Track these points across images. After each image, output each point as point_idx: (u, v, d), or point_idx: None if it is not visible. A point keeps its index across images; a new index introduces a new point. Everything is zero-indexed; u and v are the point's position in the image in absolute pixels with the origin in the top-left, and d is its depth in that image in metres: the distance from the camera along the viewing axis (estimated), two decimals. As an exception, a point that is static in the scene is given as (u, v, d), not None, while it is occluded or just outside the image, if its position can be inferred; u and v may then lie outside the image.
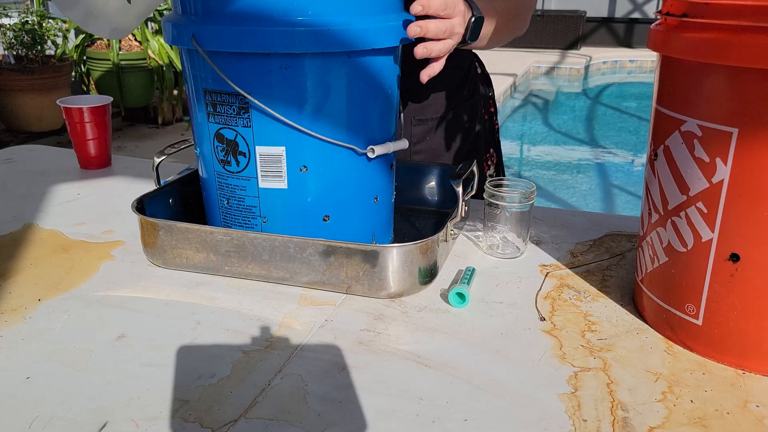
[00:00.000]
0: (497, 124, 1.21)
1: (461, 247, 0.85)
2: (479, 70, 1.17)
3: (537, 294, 0.73)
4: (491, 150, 1.19)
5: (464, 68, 1.11)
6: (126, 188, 1.07)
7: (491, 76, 1.22)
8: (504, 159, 1.26)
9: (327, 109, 0.69)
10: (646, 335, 0.66)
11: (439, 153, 1.09)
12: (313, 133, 0.69)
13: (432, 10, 0.73)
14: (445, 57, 0.80)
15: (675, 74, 0.59)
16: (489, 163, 1.17)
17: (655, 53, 0.61)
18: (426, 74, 0.79)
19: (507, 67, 6.01)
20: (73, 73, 4.12)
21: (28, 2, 4.37)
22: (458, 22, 0.77)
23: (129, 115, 4.48)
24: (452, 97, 1.09)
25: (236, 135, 0.71)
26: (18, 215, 0.95)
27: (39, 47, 3.82)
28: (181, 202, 0.88)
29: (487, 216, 0.82)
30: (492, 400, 0.56)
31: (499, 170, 1.22)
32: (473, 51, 1.16)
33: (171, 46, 0.83)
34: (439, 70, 0.80)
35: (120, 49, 4.09)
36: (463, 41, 0.82)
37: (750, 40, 0.50)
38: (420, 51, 0.75)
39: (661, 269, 0.64)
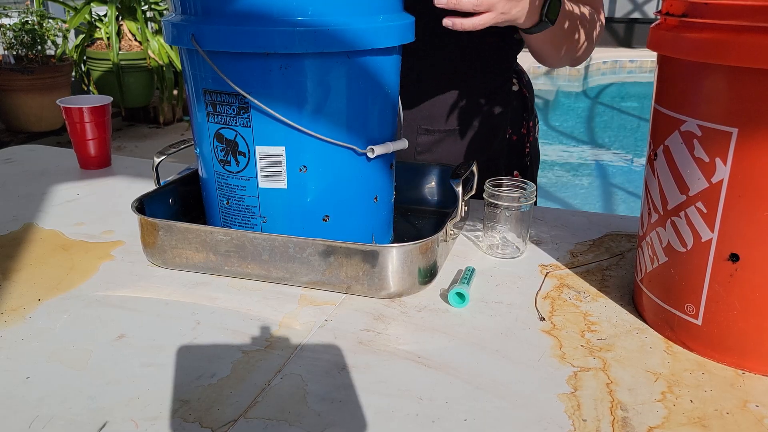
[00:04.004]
0: (528, 146, 1.13)
1: (461, 247, 0.85)
2: (516, 88, 1.10)
3: (537, 294, 0.73)
4: (515, 172, 1.12)
5: (495, 84, 1.05)
6: (126, 188, 1.07)
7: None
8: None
9: (327, 109, 0.69)
10: (645, 335, 0.66)
11: None
12: (312, 133, 0.69)
13: None
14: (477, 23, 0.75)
15: (675, 74, 0.59)
16: None
17: (655, 53, 0.61)
18: (450, 22, 0.74)
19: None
20: (73, 73, 4.13)
21: (28, 2, 4.37)
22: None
23: (129, 115, 4.48)
24: (468, 111, 1.04)
25: (236, 135, 0.71)
26: (18, 215, 0.95)
27: (39, 47, 3.82)
28: (181, 202, 0.88)
29: (487, 216, 0.82)
30: (492, 400, 0.56)
31: None
32: (517, 67, 1.11)
33: (171, 46, 0.84)
34: (463, 28, 0.75)
35: (120, 49, 4.09)
36: (540, 21, 0.80)
37: (750, 40, 0.50)
38: (446, 23, 0.72)
39: (660, 269, 0.64)
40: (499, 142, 1.09)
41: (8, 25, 3.74)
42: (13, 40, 3.73)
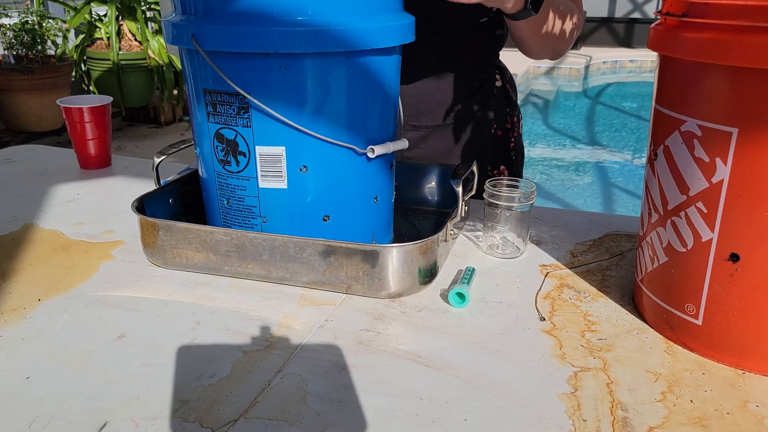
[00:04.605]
0: (513, 141, 1.16)
1: (461, 247, 0.85)
2: (499, 83, 1.12)
3: (537, 294, 0.73)
4: (502, 167, 1.15)
5: (480, 80, 1.08)
6: (126, 188, 1.07)
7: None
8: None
9: (327, 109, 0.69)
10: (646, 335, 0.66)
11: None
12: (313, 133, 0.69)
13: None
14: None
15: (675, 74, 0.59)
16: None
17: (655, 53, 0.61)
18: None
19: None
20: (73, 73, 4.13)
21: (28, 2, 4.37)
22: None
23: (129, 115, 4.48)
24: (456, 108, 1.06)
25: (236, 135, 0.71)
26: (18, 215, 0.95)
27: (39, 47, 3.82)
28: (181, 202, 0.88)
29: (487, 216, 0.82)
30: (492, 400, 0.56)
31: None
32: (499, 64, 1.13)
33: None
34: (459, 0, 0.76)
35: (120, 49, 4.09)
36: (525, 8, 0.83)
37: (750, 40, 0.50)
38: None
39: (661, 269, 0.64)
40: (485, 137, 1.11)
41: (8, 25, 3.74)
42: (13, 40, 3.73)
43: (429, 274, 0.73)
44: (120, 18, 4.15)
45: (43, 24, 3.86)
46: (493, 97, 1.11)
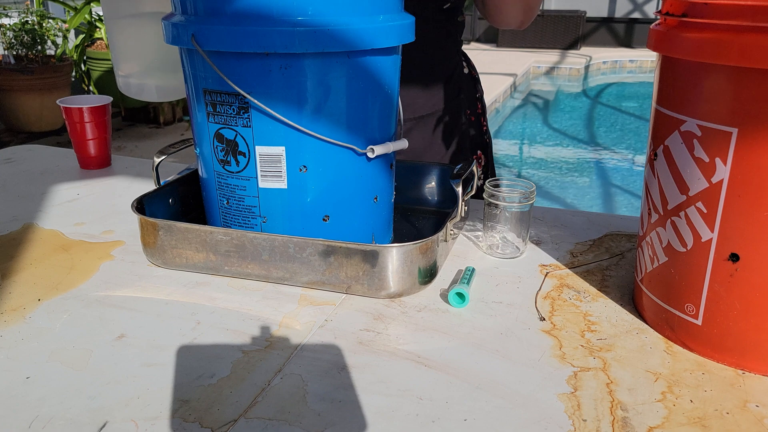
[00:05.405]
0: (485, 125, 1.20)
1: (461, 247, 0.85)
2: (466, 70, 1.16)
3: (537, 294, 0.73)
4: (479, 152, 1.18)
5: (449, 68, 1.11)
6: (126, 188, 1.07)
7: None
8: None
9: (327, 109, 0.69)
10: (645, 335, 0.66)
11: (419, 155, 1.08)
12: (312, 133, 0.69)
13: None
14: None
15: (675, 74, 0.59)
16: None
17: (655, 53, 0.61)
18: None
19: (507, 67, 6.02)
20: (73, 73, 4.13)
21: (28, 2, 4.38)
22: None
23: (129, 115, 4.49)
24: (433, 98, 1.09)
25: (236, 135, 0.71)
26: (18, 215, 0.95)
27: (39, 47, 3.83)
28: (181, 202, 0.88)
29: (486, 216, 0.82)
30: (492, 400, 0.56)
31: (488, 172, 1.21)
32: (462, 51, 1.16)
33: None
34: None
35: (120, 49, 4.08)
36: None
37: (750, 40, 0.50)
38: None
39: (660, 269, 0.64)
40: (463, 124, 1.14)
41: (8, 25, 3.74)
42: (13, 40, 3.73)
43: (429, 274, 0.73)
44: (120, 18, 4.15)
45: (43, 24, 3.86)
46: (463, 84, 1.14)
